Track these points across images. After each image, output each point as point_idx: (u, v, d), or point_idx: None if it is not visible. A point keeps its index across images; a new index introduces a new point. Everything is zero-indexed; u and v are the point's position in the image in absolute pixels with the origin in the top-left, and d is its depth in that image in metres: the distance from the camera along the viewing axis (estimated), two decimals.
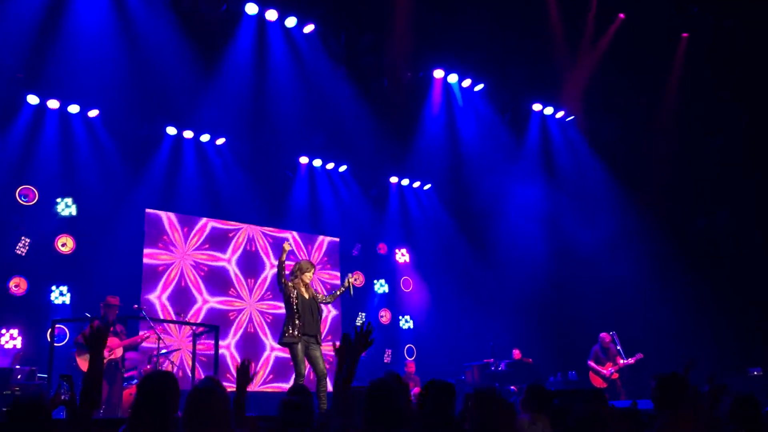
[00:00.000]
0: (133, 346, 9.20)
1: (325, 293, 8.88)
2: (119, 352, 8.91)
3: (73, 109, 11.07)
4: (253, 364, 3.98)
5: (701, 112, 12.64)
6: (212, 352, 9.23)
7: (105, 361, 8.82)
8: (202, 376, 10.54)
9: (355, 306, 13.94)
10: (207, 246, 12.36)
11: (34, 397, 3.59)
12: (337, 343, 3.78)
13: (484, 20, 11.35)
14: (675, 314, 12.37)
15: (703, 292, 12.31)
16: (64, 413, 4.47)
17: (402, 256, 15.01)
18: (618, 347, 11.16)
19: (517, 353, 12.22)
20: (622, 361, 11.02)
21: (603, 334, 11.28)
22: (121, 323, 9.18)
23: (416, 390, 9.26)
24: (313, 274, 7.85)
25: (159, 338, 8.82)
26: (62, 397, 4.18)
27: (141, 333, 9.45)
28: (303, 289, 7.59)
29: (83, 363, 8.74)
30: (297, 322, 7.34)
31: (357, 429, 3.57)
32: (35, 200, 10.73)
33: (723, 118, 12.60)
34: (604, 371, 11.06)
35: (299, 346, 7.30)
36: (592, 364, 11.25)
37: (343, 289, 7.87)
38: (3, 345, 10.08)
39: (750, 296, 11.96)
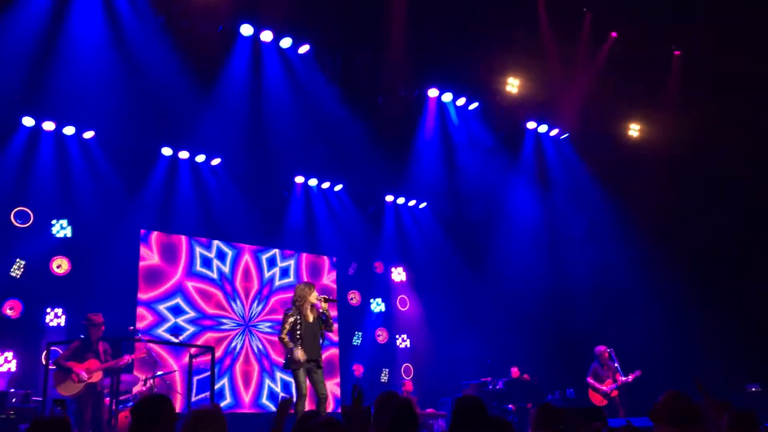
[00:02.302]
0: (115, 369, 8.56)
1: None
2: (98, 375, 8.48)
3: (69, 130, 11.06)
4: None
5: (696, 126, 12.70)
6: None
7: (83, 385, 8.48)
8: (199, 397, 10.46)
9: (352, 325, 13.90)
10: (201, 267, 12.34)
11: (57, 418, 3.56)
12: None
13: (478, 39, 11.42)
14: (673, 331, 12.34)
15: (702, 308, 12.29)
16: None
17: (398, 274, 14.99)
18: (615, 364, 11.11)
19: (515, 371, 12.16)
20: (621, 378, 10.95)
21: (600, 347, 11.18)
22: (105, 342, 8.74)
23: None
24: (315, 290, 7.73)
25: (155, 361, 8.74)
26: None
27: (124, 356, 8.81)
28: (307, 313, 7.54)
29: (60, 390, 8.42)
30: (299, 347, 7.33)
31: None
32: (30, 222, 10.70)
33: (722, 125, 12.64)
34: (604, 388, 10.99)
35: (302, 371, 7.32)
36: (591, 381, 11.16)
37: (322, 313, 7.70)
38: None
39: (749, 312, 11.95)
